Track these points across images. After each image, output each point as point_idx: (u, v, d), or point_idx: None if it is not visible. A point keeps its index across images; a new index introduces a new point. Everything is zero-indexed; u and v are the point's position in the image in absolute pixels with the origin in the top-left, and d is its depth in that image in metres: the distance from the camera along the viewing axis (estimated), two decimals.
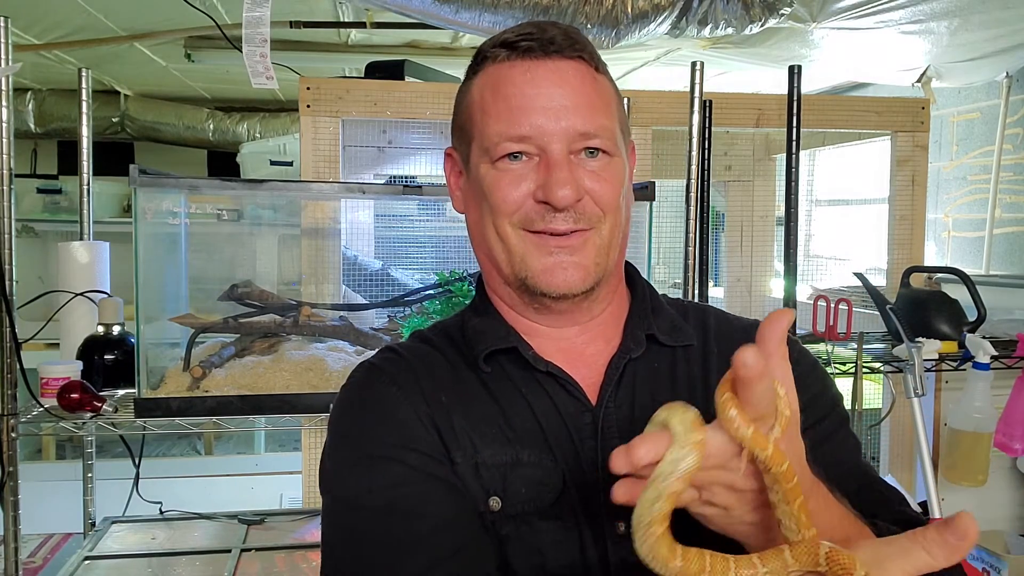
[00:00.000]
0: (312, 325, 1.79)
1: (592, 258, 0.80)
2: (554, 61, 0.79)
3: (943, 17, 2.21)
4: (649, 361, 0.84)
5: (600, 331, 0.85)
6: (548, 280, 0.80)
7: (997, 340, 1.92)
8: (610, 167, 0.81)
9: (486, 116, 0.80)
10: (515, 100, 0.79)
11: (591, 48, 0.83)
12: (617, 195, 0.81)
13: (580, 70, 0.80)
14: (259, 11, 1.69)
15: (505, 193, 0.79)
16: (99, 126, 4.24)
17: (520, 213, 0.79)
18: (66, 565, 1.66)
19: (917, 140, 2.24)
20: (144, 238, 1.59)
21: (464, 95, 0.85)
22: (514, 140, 0.78)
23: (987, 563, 1.88)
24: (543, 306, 0.82)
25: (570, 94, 0.78)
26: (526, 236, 0.80)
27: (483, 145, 0.81)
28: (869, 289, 1.99)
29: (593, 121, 0.79)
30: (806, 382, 0.76)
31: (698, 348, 0.86)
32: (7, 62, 1.56)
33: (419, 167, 2.29)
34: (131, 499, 1.94)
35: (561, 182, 0.77)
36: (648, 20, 2.02)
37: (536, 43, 0.79)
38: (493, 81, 0.81)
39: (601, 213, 0.80)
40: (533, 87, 0.79)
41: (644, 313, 0.87)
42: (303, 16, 2.75)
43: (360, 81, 2.04)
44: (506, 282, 0.84)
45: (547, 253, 0.80)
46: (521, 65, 0.80)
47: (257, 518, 1.91)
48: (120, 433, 1.70)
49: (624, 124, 0.85)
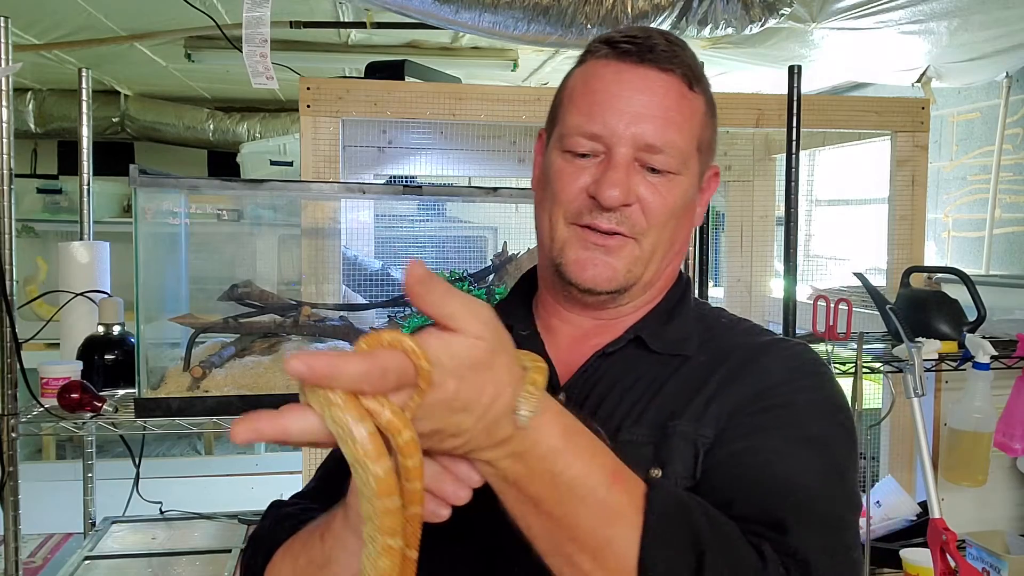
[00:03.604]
0: (312, 325, 1.79)
1: (625, 264, 0.83)
2: (646, 69, 0.81)
3: (943, 17, 2.21)
4: (627, 361, 0.84)
5: (611, 327, 0.87)
6: (578, 271, 0.83)
7: (997, 340, 1.92)
8: (671, 184, 0.82)
9: (571, 106, 0.84)
10: (598, 96, 0.81)
11: (691, 64, 0.83)
12: (668, 211, 0.82)
13: (669, 83, 0.81)
14: (259, 11, 1.69)
15: (565, 184, 0.82)
16: (99, 126, 4.23)
17: (574, 205, 0.82)
18: (66, 565, 1.66)
19: (917, 140, 2.24)
20: (144, 238, 1.59)
21: (564, 81, 0.88)
22: (586, 136, 0.81)
23: (987, 563, 1.88)
24: (571, 295, 0.86)
25: (650, 104, 0.80)
26: (572, 229, 0.83)
27: (560, 132, 0.84)
28: (869, 289, 1.99)
29: (663, 135, 0.80)
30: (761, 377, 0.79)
31: (698, 362, 0.83)
32: (7, 62, 1.56)
33: (419, 167, 2.29)
34: (131, 499, 1.94)
35: (613, 182, 0.79)
36: (648, 20, 2.02)
37: (635, 48, 0.81)
38: (587, 75, 0.84)
39: (646, 225, 0.82)
40: (618, 87, 0.81)
41: (656, 317, 0.88)
42: (303, 16, 2.75)
43: (360, 81, 2.04)
44: (546, 264, 0.87)
45: (584, 247, 0.82)
46: (615, 66, 0.82)
47: (257, 518, 1.91)
48: (120, 433, 1.70)
49: (706, 146, 0.86)
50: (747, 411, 0.77)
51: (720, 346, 0.85)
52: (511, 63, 3.43)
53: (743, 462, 0.73)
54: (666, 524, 0.61)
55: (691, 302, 0.91)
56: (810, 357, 0.84)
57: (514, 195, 1.86)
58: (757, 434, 0.75)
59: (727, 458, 0.74)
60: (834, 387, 0.82)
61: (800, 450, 0.73)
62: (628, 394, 0.82)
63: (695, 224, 0.92)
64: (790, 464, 0.72)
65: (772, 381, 0.79)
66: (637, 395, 0.81)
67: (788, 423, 0.76)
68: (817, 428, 0.76)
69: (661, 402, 0.80)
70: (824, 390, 0.81)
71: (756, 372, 0.80)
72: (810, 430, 0.75)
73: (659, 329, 0.86)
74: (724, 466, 0.74)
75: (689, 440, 0.76)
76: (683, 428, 0.77)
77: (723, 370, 0.81)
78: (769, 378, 0.79)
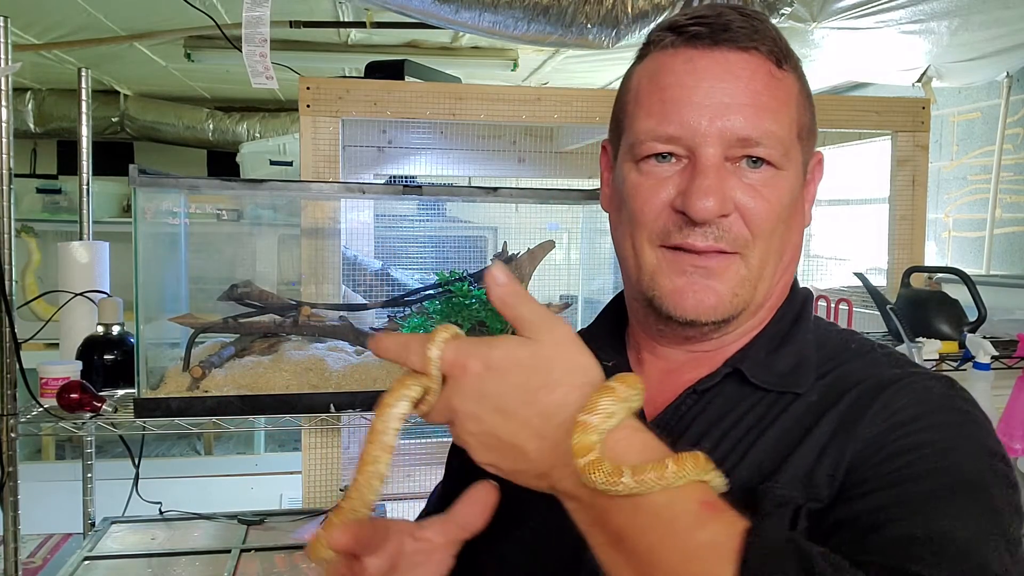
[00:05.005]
0: (312, 325, 1.79)
1: (731, 287, 0.70)
2: (722, 52, 0.68)
3: (943, 17, 2.21)
4: (726, 400, 0.71)
5: (709, 359, 0.74)
6: (676, 302, 0.70)
7: (997, 340, 1.92)
8: (773, 182, 0.69)
9: (638, 109, 0.71)
10: (670, 92, 0.68)
11: (776, 38, 0.70)
12: (775, 216, 0.69)
13: (754, 64, 0.68)
14: (259, 11, 1.68)
15: (644, 200, 0.70)
16: (99, 126, 4.23)
17: (658, 224, 0.69)
18: (66, 565, 1.66)
19: (917, 140, 2.23)
20: (144, 238, 1.59)
21: (624, 83, 0.75)
22: (661, 140, 0.68)
23: None
24: (669, 329, 0.73)
25: (735, 91, 0.67)
26: (662, 253, 0.70)
27: (629, 141, 0.71)
28: (869, 289, 1.99)
29: (758, 125, 0.67)
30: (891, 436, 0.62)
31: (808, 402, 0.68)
32: (7, 62, 1.55)
33: (419, 167, 2.29)
34: (131, 499, 1.94)
35: (703, 191, 0.66)
36: (648, 20, 2.02)
37: (706, 28, 0.68)
38: (652, 70, 0.71)
39: (750, 236, 0.69)
40: (693, 78, 0.68)
41: (763, 345, 0.73)
42: (303, 16, 2.75)
43: (360, 81, 2.04)
44: (634, 296, 0.76)
45: (680, 272, 0.69)
46: (684, 53, 0.69)
47: (257, 518, 1.91)
48: (120, 433, 1.69)
49: (806, 131, 0.73)
50: (874, 460, 0.61)
51: (836, 381, 0.69)
52: (511, 63, 3.43)
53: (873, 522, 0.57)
54: (771, 563, 0.49)
55: (809, 323, 0.75)
56: (952, 392, 0.67)
57: (514, 195, 1.86)
58: (888, 489, 0.59)
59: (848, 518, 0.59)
60: (983, 428, 0.64)
61: (948, 501, 0.57)
62: (723, 442, 0.68)
63: (806, 224, 0.77)
64: (936, 520, 0.55)
65: (903, 419, 0.63)
66: (732, 444, 0.68)
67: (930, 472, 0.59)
68: (969, 475, 0.59)
69: (757, 455, 0.66)
70: (970, 428, 0.63)
71: (881, 411, 0.64)
72: (958, 479, 0.58)
73: (764, 359, 0.72)
74: (846, 528, 0.59)
75: (788, 507, 0.62)
76: (780, 491, 0.63)
77: (835, 412, 0.66)
78: (898, 416, 0.63)
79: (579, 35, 2.03)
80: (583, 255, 2.23)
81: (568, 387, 0.53)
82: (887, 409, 0.64)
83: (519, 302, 0.55)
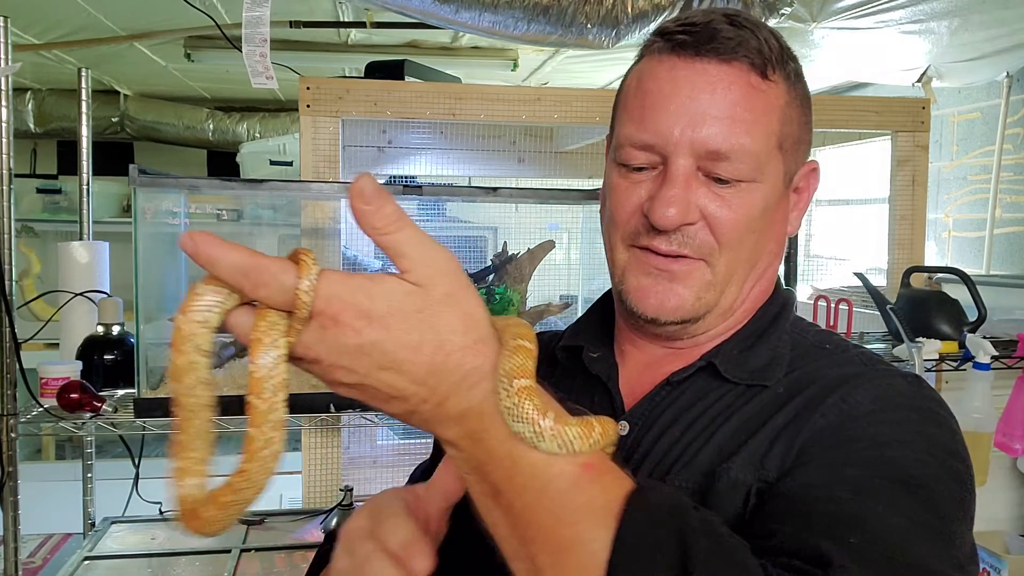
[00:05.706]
0: None
1: (695, 292, 0.72)
2: (703, 63, 0.69)
3: (943, 17, 2.21)
4: (697, 391, 0.74)
5: (685, 354, 0.77)
6: (640, 299, 0.73)
7: (997, 340, 1.92)
8: (743, 193, 0.70)
9: (624, 112, 0.74)
10: (650, 99, 0.71)
11: (765, 48, 0.70)
12: (742, 226, 0.71)
13: (732, 75, 0.69)
14: (259, 11, 1.68)
15: (618, 202, 0.73)
16: (99, 126, 4.23)
17: (630, 226, 0.73)
18: (66, 565, 1.66)
19: (917, 140, 2.23)
20: (144, 238, 1.59)
21: (620, 84, 0.78)
22: (637, 147, 0.71)
23: (987, 563, 1.88)
24: (636, 324, 0.77)
25: (711, 102, 0.68)
26: (631, 252, 0.74)
27: (614, 143, 0.75)
28: (869, 289, 1.99)
29: (729, 139, 0.68)
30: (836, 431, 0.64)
31: (775, 393, 0.71)
32: (7, 62, 1.56)
33: (419, 167, 2.29)
34: (131, 499, 1.94)
35: (667, 201, 0.69)
36: (648, 20, 2.02)
37: (691, 38, 0.69)
38: (640, 75, 0.73)
39: (716, 245, 0.71)
40: (672, 87, 0.69)
41: (738, 342, 0.76)
42: (303, 16, 2.75)
43: (360, 81, 2.04)
44: (613, 287, 0.79)
45: (645, 272, 0.73)
46: (668, 61, 0.71)
47: (257, 518, 1.91)
48: (120, 433, 1.69)
49: (791, 142, 0.73)
50: (821, 444, 0.63)
51: (804, 374, 0.71)
52: (511, 63, 3.43)
53: (801, 496, 0.59)
54: (647, 530, 0.48)
55: (786, 324, 0.78)
56: (914, 390, 0.68)
57: (514, 195, 1.86)
58: (826, 468, 0.60)
59: (780, 492, 0.61)
60: (946, 428, 0.64)
61: (882, 489, 0.57)
62: (690, 429, 0.71)
63: (790, 232, 0.79)
64: (864, 502, 0.56)
65: (858, 412, 0.65)
66: (698, 431, 0.70)
67: (872, 460, 0.60)
68: (914, 469, 0.59)
69: (719, 440, 0.68)
70: (929, 427, 0.64)
71: (838, 403, 0.66)
72: (901, 470, 0.59)
73: (738, 355, 0.74)
74: (775, 500, 0.61)
75: (739, 487, 0.64)
76: (734, 473, 0.65)
77: (798, 400, 0.68)
78: (854, 408, 0.65)
79: (579, 35, 2.03)
80: (583, 255, 2.23)
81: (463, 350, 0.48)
82: (845, 402, 0.66)
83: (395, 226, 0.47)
